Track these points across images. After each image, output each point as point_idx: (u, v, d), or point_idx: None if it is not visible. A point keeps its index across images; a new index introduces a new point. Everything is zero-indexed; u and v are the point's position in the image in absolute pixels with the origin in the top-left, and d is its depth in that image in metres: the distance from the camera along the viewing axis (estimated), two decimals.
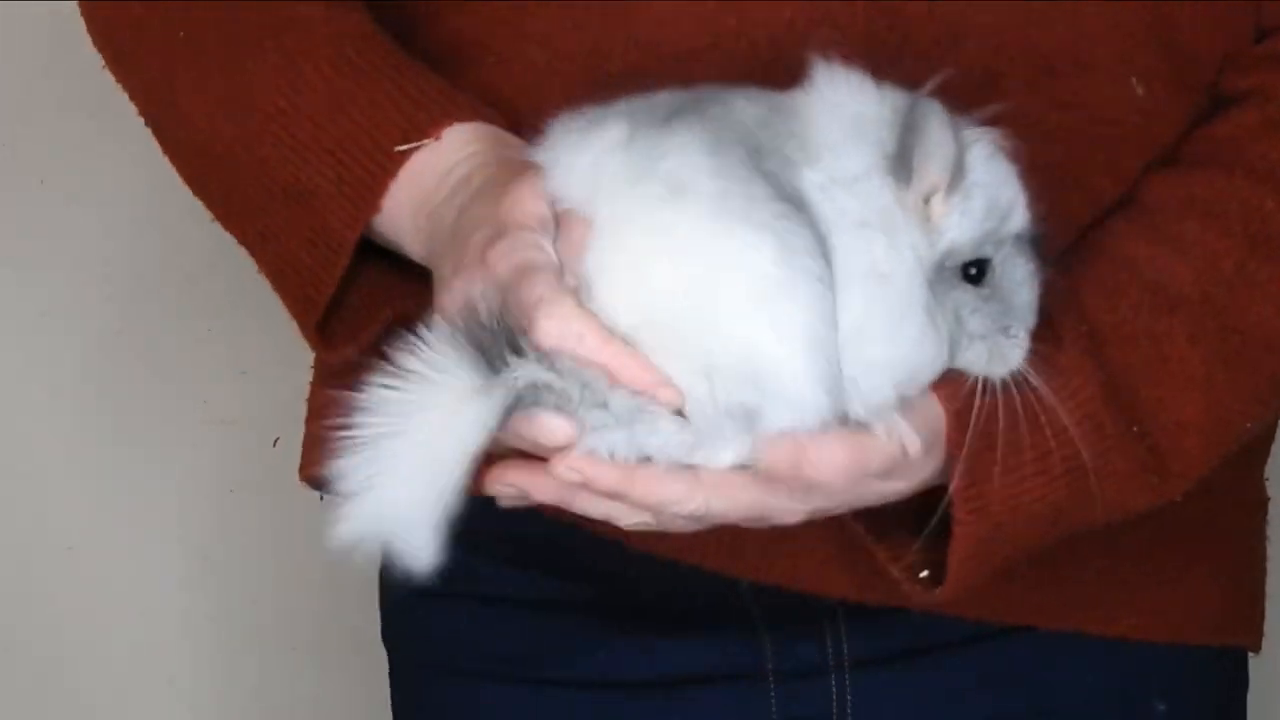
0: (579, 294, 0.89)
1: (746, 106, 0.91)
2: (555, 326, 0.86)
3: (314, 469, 1.15)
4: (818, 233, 0.88)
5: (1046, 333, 0.96)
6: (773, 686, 1.11)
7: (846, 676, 1.11)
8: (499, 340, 0.87)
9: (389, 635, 1.22)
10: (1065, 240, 1.01)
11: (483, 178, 0.95)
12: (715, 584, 1.07)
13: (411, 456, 0.86)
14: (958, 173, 0.91)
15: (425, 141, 0.98)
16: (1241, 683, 1.17)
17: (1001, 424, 0.94)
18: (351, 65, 1.00)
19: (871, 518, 0.98)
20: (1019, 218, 0.93)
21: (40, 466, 1.72)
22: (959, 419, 0.94)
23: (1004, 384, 0.93)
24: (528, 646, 1.14)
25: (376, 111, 0.99)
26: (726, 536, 1.04)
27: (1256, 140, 1.01)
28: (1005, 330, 0.93)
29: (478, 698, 1.15)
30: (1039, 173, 0.98)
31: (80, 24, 1.08)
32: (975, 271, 0.92)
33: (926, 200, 0.91)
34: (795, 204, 0.88)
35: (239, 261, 1.78)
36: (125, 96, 1.08)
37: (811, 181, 0.89)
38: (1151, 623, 1.10)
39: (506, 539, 1.09)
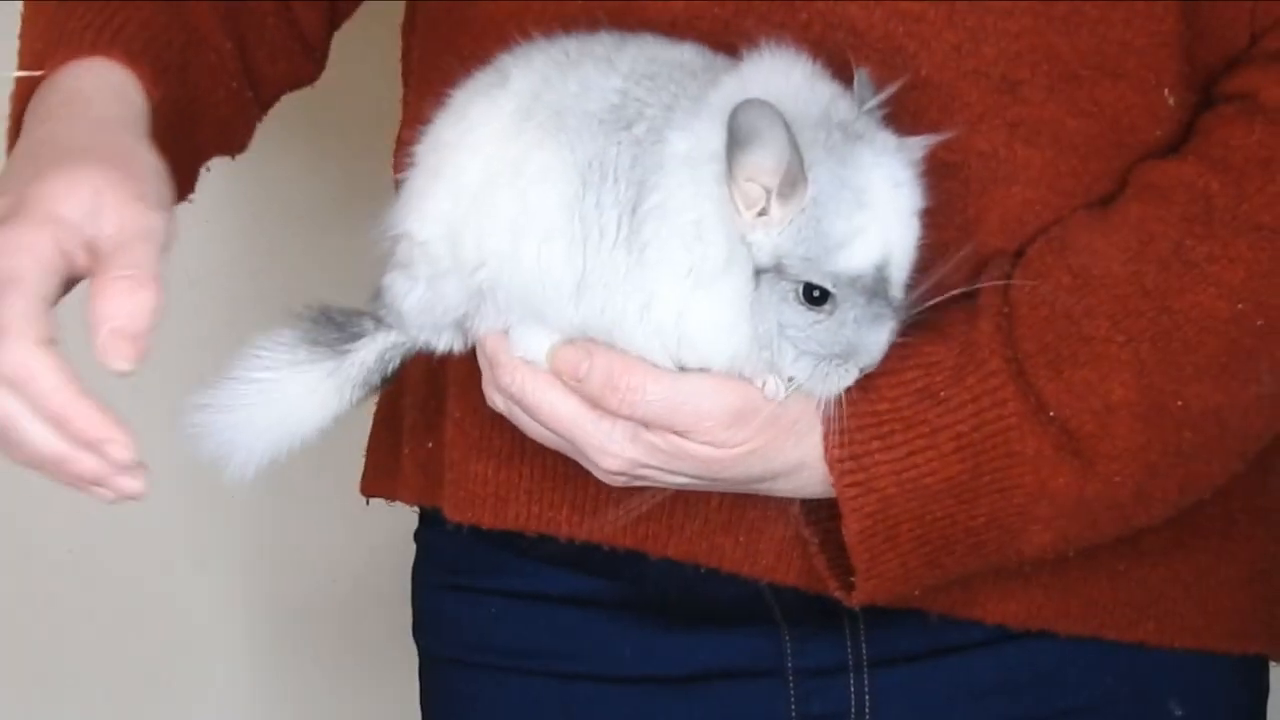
0: None
1: (686, 52, 0.96)
2: (10, 357, 0.88)
3: (375, 487, 1.21)
4: (623, 165, 0.93)
5: (968, 308, 0.97)
6: (792, 684, 1.12)
7: (865, 675, 1.11)
8: (339, 332, 1.02)
9: (419, 629, 1.22)
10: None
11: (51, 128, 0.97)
12: (738, 582, 1.07)
13: (268, 416, 1.02)
14: (789, 180, 0.91)
15: (38, 73, 1.01)
16: (1262, 690, 1.17)
17: (886, 402, 0.96)
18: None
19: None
20: (861, 257, 0.92)
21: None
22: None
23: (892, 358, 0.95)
24: (554, 641, 1.14)
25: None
26: (743, 538, 1.04)
27: (1223, 126, 1.01)
28: (836, 358, 0.93)
29: (504, 691, 1.16)
30: (1045, 182, 0.99)
31: None
32: (818, 295, 0.92)
33: (762, 204, 0.92)
34: (615, 134, 0.93)
35: (242, 262, 1.78)
36: None
37: (675, 147, 0.93)
38: (1171, 628, 1.10)
39: (535, 536, 1.09)
